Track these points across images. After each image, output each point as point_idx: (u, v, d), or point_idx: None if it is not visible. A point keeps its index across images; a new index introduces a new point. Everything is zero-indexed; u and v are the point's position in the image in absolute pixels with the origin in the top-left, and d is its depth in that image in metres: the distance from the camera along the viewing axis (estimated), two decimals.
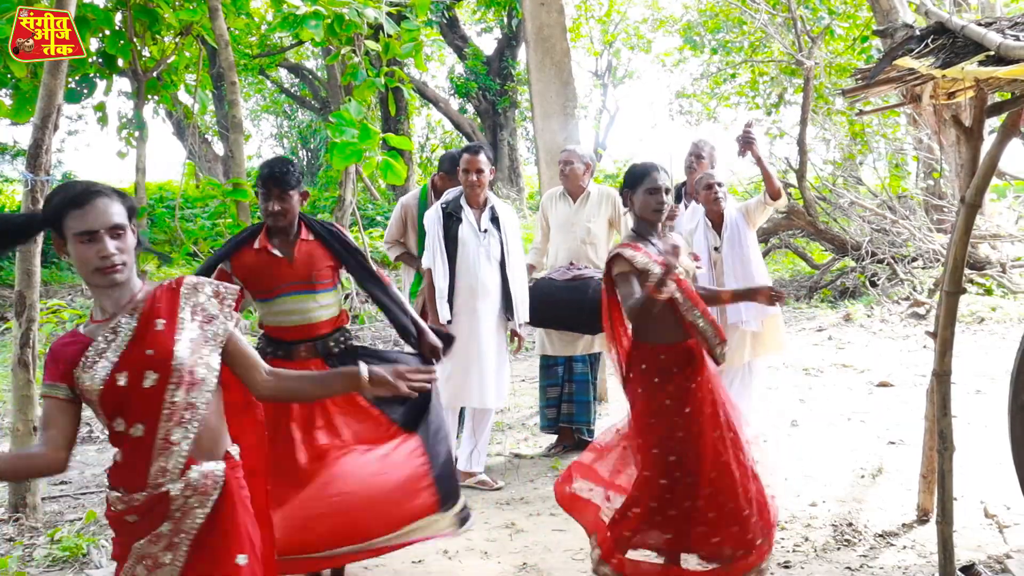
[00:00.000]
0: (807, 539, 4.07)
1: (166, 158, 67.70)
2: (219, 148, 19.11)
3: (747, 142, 4.97)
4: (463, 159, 4.91)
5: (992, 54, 2.97)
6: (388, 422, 3.52)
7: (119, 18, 9.83)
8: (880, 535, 4.07)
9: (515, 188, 18.95)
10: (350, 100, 8.36)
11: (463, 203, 4.90)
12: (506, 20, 18.90)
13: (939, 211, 11.40)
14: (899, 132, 13.40)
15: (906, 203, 11.77)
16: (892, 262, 10.62)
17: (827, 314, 10.07)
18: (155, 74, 10.49)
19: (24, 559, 4.00)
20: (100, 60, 10.02)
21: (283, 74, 23.73)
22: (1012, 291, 9.99)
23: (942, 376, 3.56)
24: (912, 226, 10.95)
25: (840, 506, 4.46)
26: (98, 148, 52.58)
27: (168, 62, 10.60)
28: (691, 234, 5.16)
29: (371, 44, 8.75)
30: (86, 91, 9.95)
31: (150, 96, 10.82)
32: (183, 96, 12.36)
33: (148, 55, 10.36)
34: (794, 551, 3.95)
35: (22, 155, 17.06)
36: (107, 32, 9.66)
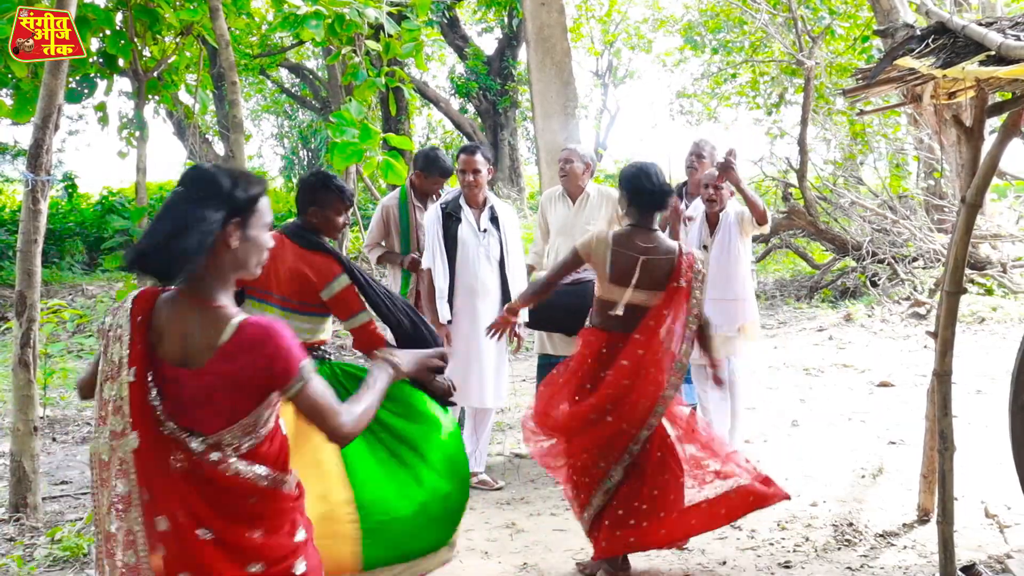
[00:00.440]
0: (807, 539, 4.07)
1: (167, 158, 67.59)
2: (220, 148, 19.10)
3: (726, 168, 4.87)
4: (460, 159, 4.88)
5: (993, 54, 2.97)
6: None
7: (119, 18, 9.82)
8: (880, 535, 4.07)
9: (515, 188, 18.95)
10: (351, 100, 8.36)
11: (462, 203, 4.88)
12: (507, 20, 18.90)
13: (940, 211, 11.40)
14: (900, 132, 13.39)
15: (907, 203, 11.77)
16: (893, 262, 10.62)
17: (827, 314, 10.07)
18: (155, 74, 10.48)
19: (24, 559, 4.00)
20: (101, 60, 10.01)
21: (284, 74, 23.72)
22: (1013, 291, 9.99)
23: (943, 376, 3.56)
24: (913, 226, 10.94)
25: (840, 506, 4.46)
26: (99, 148, 52.52)
27: (168, 62, 10.59)
28: (690, 224, 5.18)
29: (372, 44, 8.75)
30: (87, 91, 9.95)
31: (151, 96, 10.81)
32: (184, 96, 12.35)
33: (148, 55, 10.36)
34: (794, 551, 3.95)
35: (22, 155, 17.10)
36: (107, 32, 9.65)
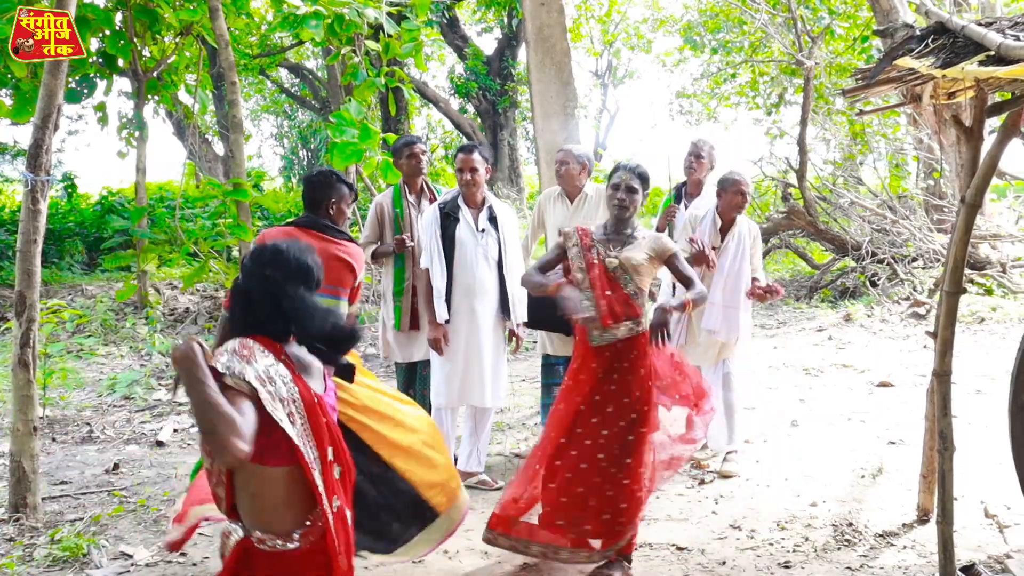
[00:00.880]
0: (807, 539, 4.07)
1: (166, 158, 67.63)
2: (219, 148, 19.09)
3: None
4: (458, 158, 4.86)
5: (992, 54, 2.97)
6: None
7: (119, 18, 9.85)
8: (880, 535, 4.07)
9: (515, 188, 18.93)
10: (350, 100, 8.35)
11: (461, 203, 4.86)
12: (506, 20, 18.90)
13: (939, 211, 11.40)
14: (899, 132, 13.39)
15: (906, 203, 11.77)
16: (892, 262, 10.62)
17: (827, 314, 10.07)
18: (155, 74, 10.51)
19: (24, 559, 4.00)
20: (100, 60, 10.03)
21: (283, 74, 23.72)
22: (1012, 291, 9.99)
23: (942, 376, 3.56)
24: (912, 226, 10.94)
25: (840, 506, 4.46)
26: (98, 148, 52.49)
27: (168, 62, 10.61)
28: (697, 220, 5.08)
29: (371, 44, 8.74)
30: (86, 91, 9.97)
31: (150, 96, 10.84)
32: (183, 96, 12.37)
33: (148, 55, 10.37)
34: (794, 551, 3.95)
35: (22, 155, 17.09)
36: (107, 32, 9.68)
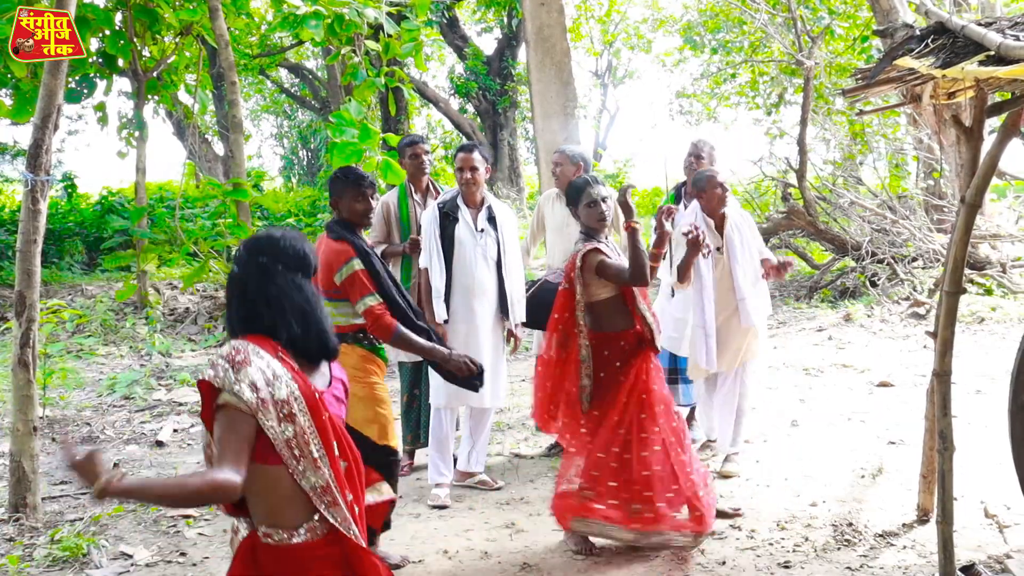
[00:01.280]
0: (807, 539, 4.07)
1: (166, 158, 67.64)
2: (219, 148, 19.10)
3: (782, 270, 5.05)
4: (457, 157, 4.87)
5: (992, 54, 2.97)
6: None
7: (119, 18, 9.85)
8: (880, 535, 4.07)
9: (515, 188, 18.95)
10: (350, 100, 8.35)
11: (460, 203, 4.86)
12: (506, 20, 18.91)
13: (939, 211, 11.39)
14: (899, 132, 13.39)
15: (906, 203, 11.76)
16: (892, 262, 10.61)
17: (827, 314, 10.07)
18: (155, 74, 10.51)
19: (24, 559, 4.00)
20: (100, 60, 10.03)
21: (283, 74, 23.73)
22: (1012, 291, 9.99)
23: (942, 376, 3.56)
24: (912, 226, 10.94)
25: (840, 506, 4.46)
26: (98, 148, 52.49)
27: (168, 62, 10.62)
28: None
29: (371, 44, 8.74)
30: (86, 91, 9.97)
31: (150, 96, 10.84)
32: (183, 96, 12.38)
33: (148, 55, 10.37)
34: (794, 551, 3.95)
35: (22, 155, 17.09)
36: (107, 32, 9.68)
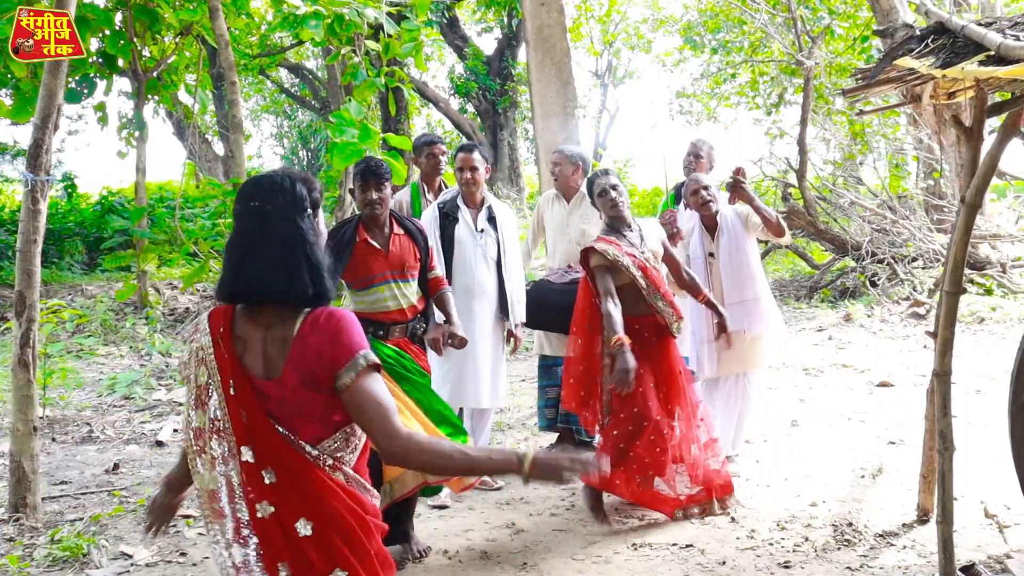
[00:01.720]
0: (807, 539, 4.07)
1: (166, 158, 67.83)
2: (219, 148, 19.11)
3: (736, 188, 4.92)
4: (458, 157, 4.87)
5: (992, 54, 2.97)
6: None
7: (119, 18, 9.85)
8: (880, 535, 4.07)
9: (515, 188, 18.94)
10: (350, 100, 8.35)
11: (460, 203, 4.87)
12: (506, 20, 18.91)
13: (939, 211, 11.40)
14: (899, 132, 13.40)
15: (906, 203, 11.77)
16: (892, 262, 10.62)
17: (827, 314, 10.07)
18: (155, 74, 10.51)
19: (24, 559, 4.00)
20: (100, 60, 10.03)
21: (283, 74, 23.73)
22: (1012, 291, 9.99)
23: (942, 376, 3.56)
24: (912, 226, 10.94)
25: (840, 506, 4.46)
26: (98, 148, 52.56)
27: (168, 62, 10.62)
28: (689, 234, 5.15)
29: (371, 44, 8.74)
30: (86, 91, 9.97)
31: (150, 96, 10.84)
32: (183, 96, 12.38)
33: (148, 55, 10.38)
34: (794, 551, 3.95)
35: (22, 155, 17.10)
36: (107, 32, 9.68)
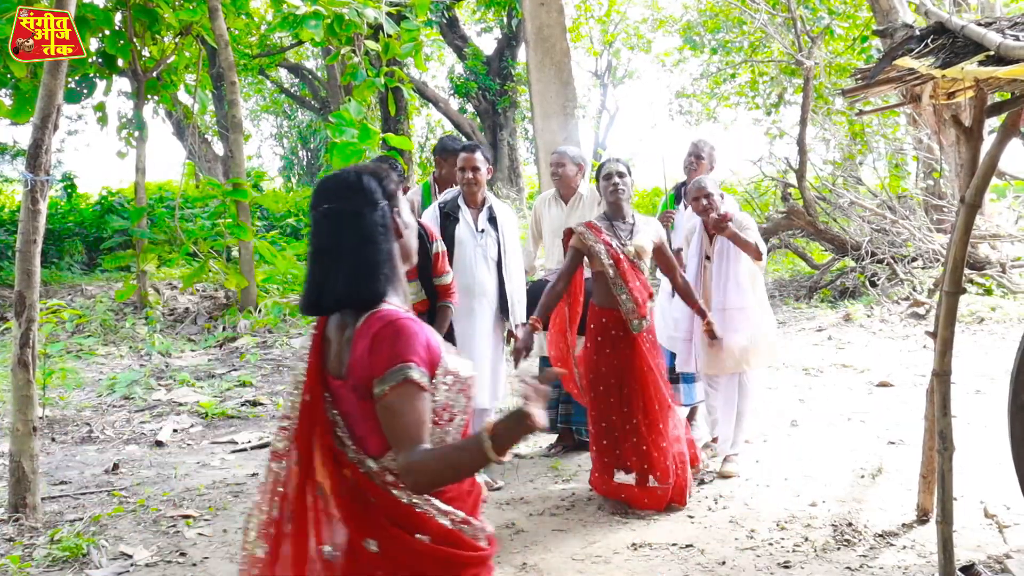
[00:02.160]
0: (807, 539, 4.06)
1: (166, 158, 67.91)
2: (219, 148, 19.10)
3: (718, 227, 4.78)
4: (460, 157, 4.88)
5: (992, 54, 2.97)
6: None
7: (119, 18, 9.85)
8: (880, 535, 4.07)
9: (515, 188, 18.95)
10: (350, 100, 8.36)
11: (461, 203, 4.88)
12: (506, 20, 18.91)
13: (939, 211, 11.40)
14: (899, 132, 13.41)
15: (906, 203, 11.77)
16: (892, 262, 10.62)
17: (827, 314, 10.07)
18: (155, 74, 10.51)
19: (24, 559, 4.00)
20: (100, 60, 10.03)
21: (283, 74, 23.74)
22: (1012, 291, 9.99)
23: (942, 376, 3.56)
24: (912, 226, 10.95)
25: (840, 506, 4.45)
26: (98, 148, 52.61)
27: (168, 62, 10.62)
28: (691, 233, 5.15)
29: (371, 44, 8.75)
30: (86, 91, 9.97)
31: (150, 96, 10.84)
32: (183, 96, 12.38)
33: (148, 55, 10.38)
34: (794, 551, 3.95)
35: (22, 155, 17.09)
36: (107, 32, 9.68)
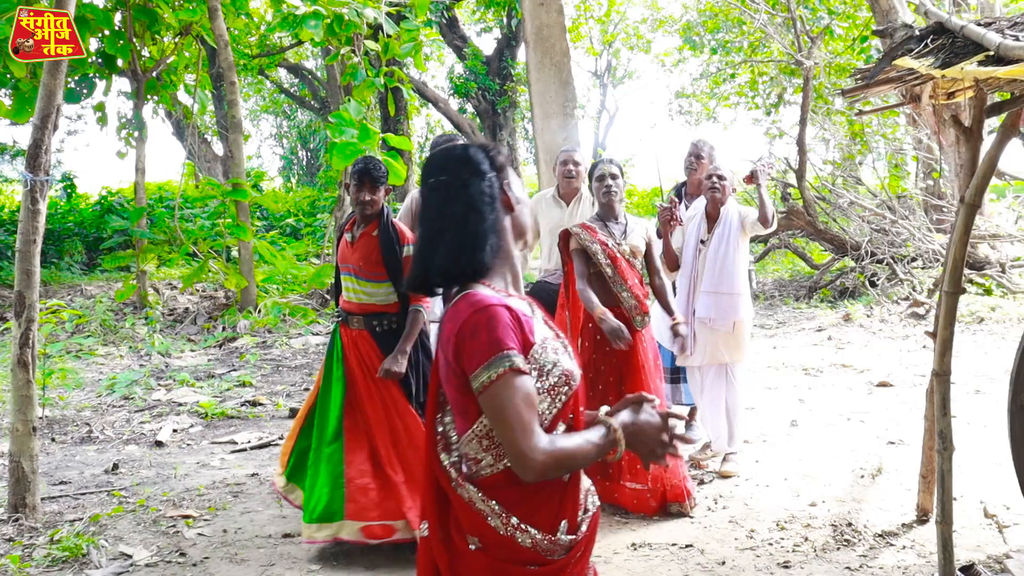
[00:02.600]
0: (807, 539, 4.07)
1: (166, 158, 68.06)
2: (219, 148, 19.10)
3: (754, 176, 5.08)
4: None
5: (991, 54, 2.97)
6: None
7: (119, 18, 9.86)
8: (880, 535, 4.07)
9: None
10: (350, 100, 8.35)
11: None
12: (506, 20, 18.91)
13: (939, 211, 11.41)
14: (899, 132, 13.42)
15: (906, 203, 11.77)
16: (892, 262, 10.62)
17: (827, 314, 10.07)
18: (155, 74, 10.52)
19: (24, 559, 3.99)
20: (100, 60, 10.04)
21: (283, 74, 23.74)
22: (1011, 291, 10.00)
23: (942, 376, 3.56)
24: (912, 226, 10.95)
25: (840, 506, 4.46)
26: (98, 148, 52.69)
27: (168, 62, 10.63)
28: (689, 222, 5.18)
29: (371, 44, 8.75)
30: (86, 91, 9.98)
31: (150, 96, 10.85)
32: (183, 96, 12.39)
33: (148, 55, 10.39)
34: (794, 551, 3.95)
35: (22, 155, 17.10)
36: (107, 32, 9.69)
